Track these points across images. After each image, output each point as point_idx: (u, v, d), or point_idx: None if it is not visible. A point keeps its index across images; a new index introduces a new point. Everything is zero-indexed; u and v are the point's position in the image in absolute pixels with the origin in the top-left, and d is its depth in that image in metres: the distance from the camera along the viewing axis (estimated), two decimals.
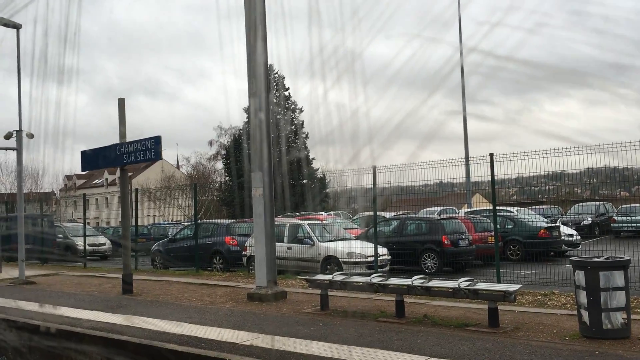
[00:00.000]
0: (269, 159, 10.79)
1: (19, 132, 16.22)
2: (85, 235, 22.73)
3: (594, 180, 12.91)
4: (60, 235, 26.10)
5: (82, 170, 14.98)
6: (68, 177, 70.51)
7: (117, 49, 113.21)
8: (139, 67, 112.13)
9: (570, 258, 7.43)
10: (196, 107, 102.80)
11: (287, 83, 46.19)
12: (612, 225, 23.18)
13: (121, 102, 12.81)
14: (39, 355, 8.80)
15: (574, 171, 11.28)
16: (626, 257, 6.99)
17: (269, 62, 11.44)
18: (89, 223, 30.26)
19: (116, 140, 12.95)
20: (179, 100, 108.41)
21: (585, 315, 6.72)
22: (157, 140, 12.11)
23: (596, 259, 6.98)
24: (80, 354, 8.14)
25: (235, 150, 45.22)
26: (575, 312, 7.18)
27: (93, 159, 13.83)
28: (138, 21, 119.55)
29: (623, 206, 22.94)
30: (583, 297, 6.71)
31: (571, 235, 18.88)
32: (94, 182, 71.94)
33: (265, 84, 10.81)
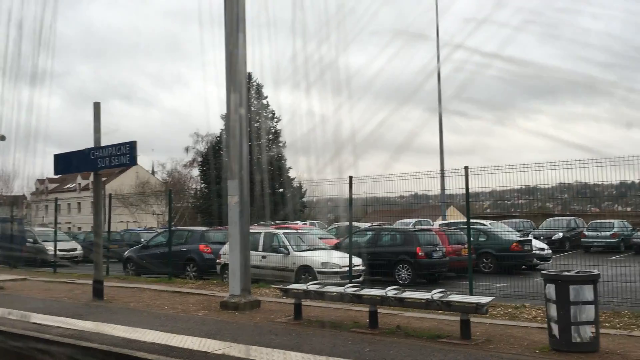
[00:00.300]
0: (246, 167, 10.76)
1: None
2: (55, 240, 22.34)
3: (566, 195, 13.14)
4: (31, 240, 25.60)
5: (55, 174, 14.77)
6: (40, 181, 69.38)
7: (91, 52, 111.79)
8: (114, 72, 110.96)
9: (541, 272, 7.53)
10: (172, 113, 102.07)
11: (265, 92, 46.18)
12: (582, 240, 23.60)
13: (97, 106, 12.65)
14: None
15: (547, 186, 11.47)
16: (596, 272, 7.11)
17: (247, 70, 11.39)
18: (60, 228, 29.74)
19: (89, 145, 12.79)
20: (154, 106, 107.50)
21: (555, 328, 6.81)
22: (132, 145, 11.98)
23: (566, 273, 7.09)
24: None
25: (213, 157, 44.95)
26: (546, 325, 7.27)
27: (66, 163, 13.62)
28: (114, 25, 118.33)
29: (593, 222, 23.38)
30: (553, 311, 6.81)
31: (542, 249, 19.15)
32: (66, 187, 70.85)
33: (245, 80, 10.79)
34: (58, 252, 22.60)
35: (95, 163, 12.48)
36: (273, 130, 45.37)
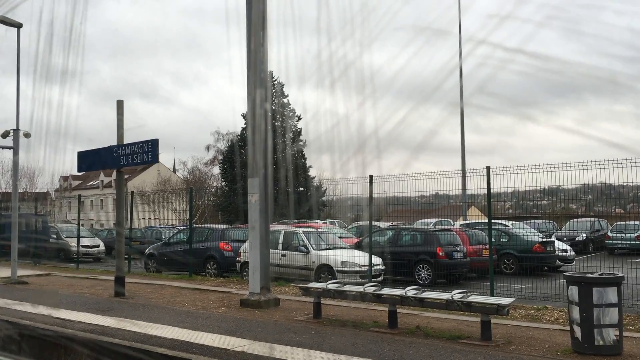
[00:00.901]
0: (267, 165, 10.79)
1: (16, 131, 16.20)
2: (78, 237, 22.67)
3: (590, 196, 12.95)
4: (54, 236, 26.03)
5: (79, 171, 14.96)
6: (64, 178, 70.35)
7: (112, 51, 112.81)
8: (134, 70, 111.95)
9: (564, 273, 7.44)
10: (192, 111, 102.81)
11: (286, 91, 46.27)
12: (606, 241, 23.22)
13: (120, 104, 12.79)
14: (29, 355, 8.74)
15: (570, 187, 11.31)
16: (620, 274, 7.00)
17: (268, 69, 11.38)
18: (83, 224, 30.16)
19: (110, 143, 12.96)
20: (174, 104, 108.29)
21: (577, 330, 6.72)
22: (154, 143, 12.11)
23: (590, 275, 6.99)
24: (70, 355, 8.10)
25: (234, 155, 45.17)
26: (568, 328, 7.18)
27: (90, 160, 13.81)
28: (133, 24, 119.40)
29: (617, 223, 22.99)
30: (576, 313, 6.72)
31: (565, 251, 18.89)
32: (89, 184, 71.78)
33: (268, 77, 10.76)
34: (81, 248, 22.94)
35: (118, 160, 12.62)
36: (294, 129, 45.47)
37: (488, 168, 11.60)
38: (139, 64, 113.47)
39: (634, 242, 22.88)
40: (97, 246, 26.74)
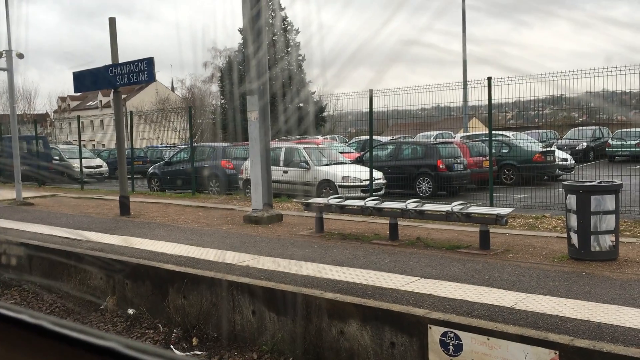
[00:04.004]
0: (266, 81, 10.63)
1: (9, 51, 15.87)
2: (81, 157, 22.74)
3: (592, 104, 12.84)
4: (57, 157, 26.12)
5: (75, 91, 14.76)
6: (62, 99, 69.68)
7: None
8: None
9: (563, 182, 7.50)
10: (176, 26, 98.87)
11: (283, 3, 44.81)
12: (607, 149, 23.28)
13: (112, 22, 12.45)
14: (40, 273, 9.01)
15: (572, 95, 11.20)
16: (618, 182, 7.06)
17: None
18: (84, 145, 30.20)
19: (99, 64, 12.76)
20: (157, 20, 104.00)
21: (574, 237, 6.86)
22: (149, 61, 11.88)
23: (588, 184, 7.05)
24: (79, 273, 8.34)
25: (232, 72, 44.41)
26: (565, 235, 7.32)
27: (86, 81, 13.60)
28: None
29: (619, 130, 22.93)
30: (573, 221, 6.83)
31: (565, 160, 18.98)
32: (88, 104, 71.15)
33: None
34: (84, 169, 23.06)
35: (115, 80, 12.44)
36: (292, 44, 44.44)
37: (489, 79, 11.43)
38: None
39: (634, 149, 22.92)
40: (100, 167, 26.89)
